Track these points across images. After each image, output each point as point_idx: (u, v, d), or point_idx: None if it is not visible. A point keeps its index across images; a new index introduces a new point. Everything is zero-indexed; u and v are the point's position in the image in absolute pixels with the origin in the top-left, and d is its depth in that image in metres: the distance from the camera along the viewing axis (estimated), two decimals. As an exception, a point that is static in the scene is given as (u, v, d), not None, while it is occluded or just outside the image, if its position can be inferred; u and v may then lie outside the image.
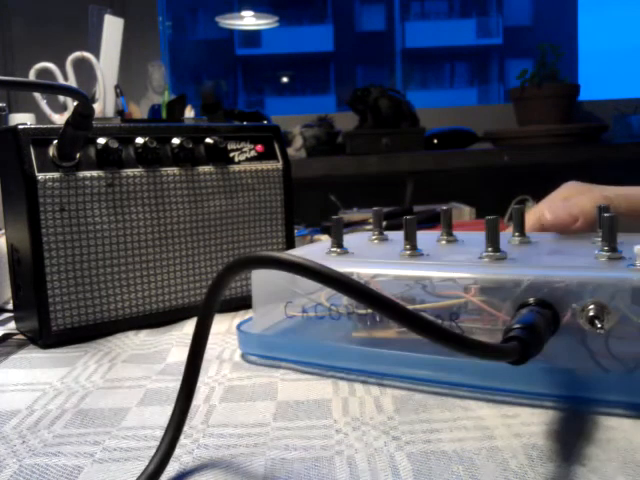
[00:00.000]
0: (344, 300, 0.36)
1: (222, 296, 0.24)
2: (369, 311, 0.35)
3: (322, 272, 0.21)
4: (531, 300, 0.30)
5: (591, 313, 0.29)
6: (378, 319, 0.35)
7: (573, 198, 0.46)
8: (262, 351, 0.38)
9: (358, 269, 0.35)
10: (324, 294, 0.37)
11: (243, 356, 0.40)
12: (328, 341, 0.37)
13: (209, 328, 0.25)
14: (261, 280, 0.39)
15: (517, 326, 0.27)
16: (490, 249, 0.35)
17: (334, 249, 0.40)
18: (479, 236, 0.46)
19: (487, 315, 0.32)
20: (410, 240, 0.38)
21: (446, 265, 0.36)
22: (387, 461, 0.25)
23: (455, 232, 0.44)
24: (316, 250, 0.43)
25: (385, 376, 0.34)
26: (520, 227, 0.42)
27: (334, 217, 0.40)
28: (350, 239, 0.45)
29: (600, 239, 0.36)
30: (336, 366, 0.36)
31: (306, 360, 0.37)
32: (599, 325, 0.28)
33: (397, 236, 0.45)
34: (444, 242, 0.42)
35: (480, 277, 0.33)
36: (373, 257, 0.40)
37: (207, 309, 0.25)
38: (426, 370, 0.33)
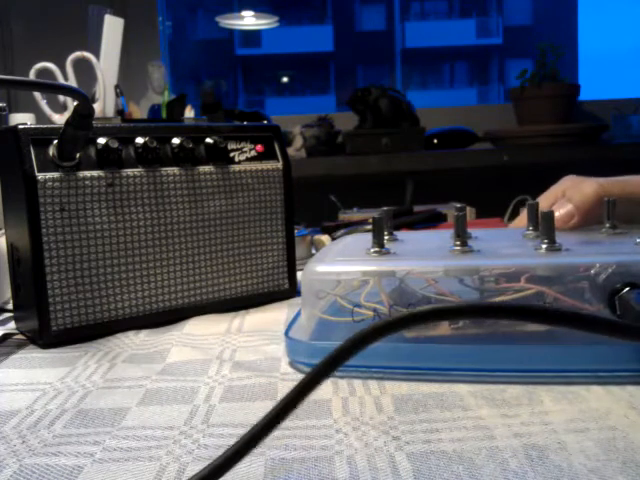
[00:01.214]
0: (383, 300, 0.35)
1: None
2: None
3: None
4: (619, 285, 0.31)
5: None
6: None
7: (567, 192, 0.46)
8: (315, 359, 0.36)
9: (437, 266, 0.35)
10: (363, 296, 0.36)
11: (243, 356, 0.39)
12: (386, 342, 0.36)
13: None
14: (313, 282, 0.38)
15: None
16: (546, 241, 0.36)
17: (376, 249, 0.38)
18: (491, 232, 0.46)
19: (571, 303, 0.33)
20: (461, 236, 0.38)
21: (526, 257, 0.36)
22: (387, 461, 0.25)
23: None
24: (351, 251, 0.42)
25: (469, 371, 0.34)
26: (535, 222, 0.42)
27: (375, 216, 0.39)
28: (359, 239, 0.44)
29: (608, 228, 0.40)
30: (405, 367, 0.34)
31: (371, 364, 0.35)
32: None
33: (406, 236, 0.45)
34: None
35: (571, 264, 0.34)
36: (426, 255, 0.39)
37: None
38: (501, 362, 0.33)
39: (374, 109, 1.56)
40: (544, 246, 0.36)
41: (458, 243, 0.37)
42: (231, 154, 0.51)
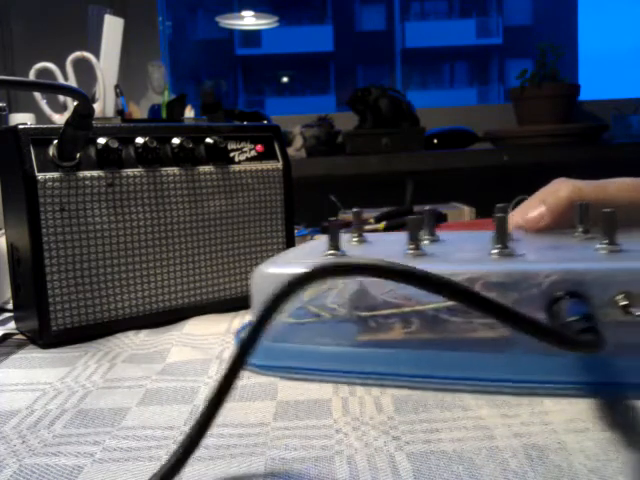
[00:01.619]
0: (341, 303, 0.35)
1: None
2: (373, 314, 0.35)
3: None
4: (561, 293, 0.30)
5: (623, 302, 0.30)
6: (381, 321, 0.35)
7: (546, 194, 0.45)
8: (269, 361, 0.36)
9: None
10: (330, 299, 0.35)
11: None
12: (338, 346, 0.35)
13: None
14: (262, 284, 0.37)
15: (576, 318, 0.28)
16: (499, 246, 0.35)
17: (332, 251, 0.38)
18: (459, 235, 0.46)
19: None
20: (414, 240, 0.37)
21: (475, 262, 0.35)
22: (387, 461, 0.25)
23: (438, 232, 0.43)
24: (309, 253, 0.42)
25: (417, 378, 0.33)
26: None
27: (331, 220, 0.39)
28: (323, 242, 0.44)
29: (581, 232, 0.40)
30: (356, 371, 0.34)
31: (319, 367, 0.35)
32: (638, 313, 0.29)
33: (375, 237, 0.45)
34: (427, 242, 0.42)
35: (511, 272, 0.33)
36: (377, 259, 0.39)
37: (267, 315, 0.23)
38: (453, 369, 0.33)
39: (374, 109, 1.56)
40: (496, 251, 0.35)
41: (412, 247, 0.37)
42: (231, 154, 0.51)
